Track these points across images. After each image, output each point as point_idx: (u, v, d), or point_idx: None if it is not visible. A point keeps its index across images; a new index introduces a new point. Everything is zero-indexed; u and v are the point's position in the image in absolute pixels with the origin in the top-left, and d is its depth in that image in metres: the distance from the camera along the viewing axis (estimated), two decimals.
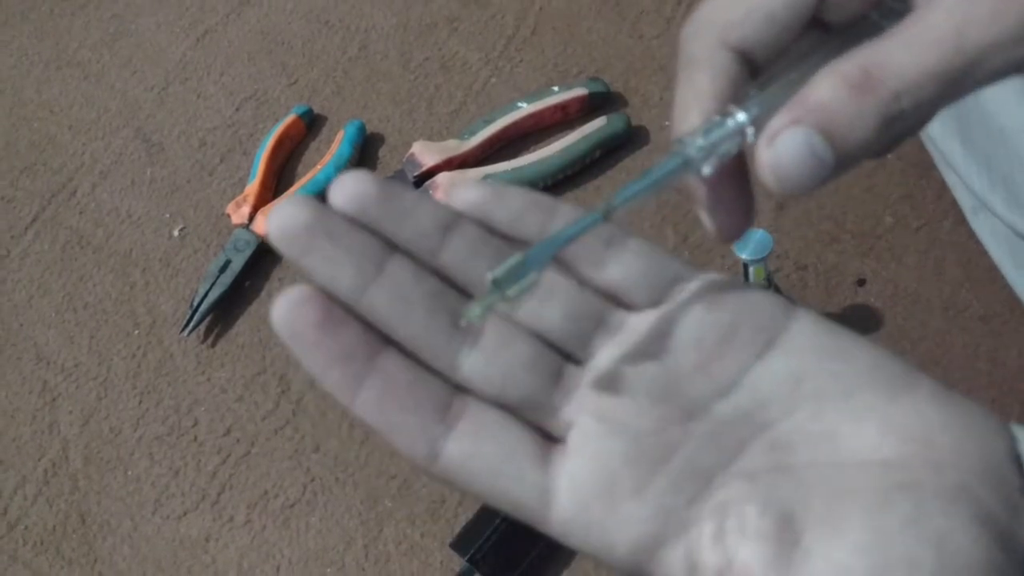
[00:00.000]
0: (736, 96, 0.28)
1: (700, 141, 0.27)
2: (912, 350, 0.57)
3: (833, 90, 0.26)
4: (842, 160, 0.26)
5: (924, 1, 0.27)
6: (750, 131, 0.28)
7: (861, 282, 0.60)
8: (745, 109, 0.28)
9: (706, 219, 0.31)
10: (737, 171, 0.30)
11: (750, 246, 0.52)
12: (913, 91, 0.26)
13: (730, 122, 0.28)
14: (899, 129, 0.27)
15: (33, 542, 0.60)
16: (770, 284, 0.54)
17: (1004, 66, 0.26)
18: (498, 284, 0.25)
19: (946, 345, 0.57)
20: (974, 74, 0.26)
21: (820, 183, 0.27)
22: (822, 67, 0.27)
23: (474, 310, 0.25)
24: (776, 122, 0.27)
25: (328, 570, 0.56)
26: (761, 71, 0.29)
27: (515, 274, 0.25)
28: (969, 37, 0.26)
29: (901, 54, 0.26)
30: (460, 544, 0.53)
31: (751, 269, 0.53)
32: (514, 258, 0.26)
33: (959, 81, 0.26)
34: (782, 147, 0.26)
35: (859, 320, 0.59)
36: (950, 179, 0.62)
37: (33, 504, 0.61)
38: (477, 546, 0.52)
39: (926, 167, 0.64)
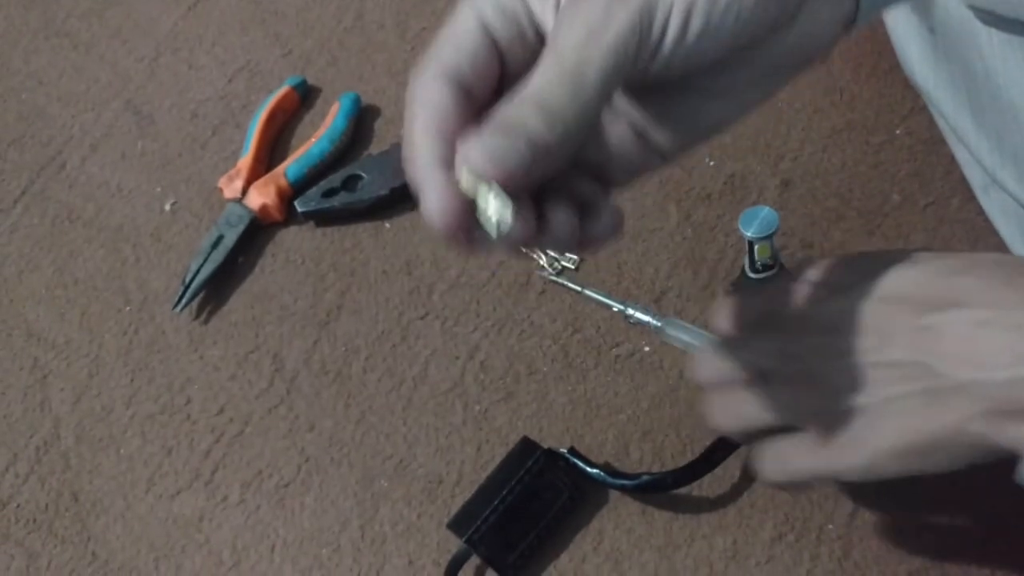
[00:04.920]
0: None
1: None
2: None
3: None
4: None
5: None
6: None
7: None
8: None
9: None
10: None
11: (755, 224, 0.51)
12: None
13: None
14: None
15: (25, 520, 0.59)
16: (775, 262, 0.53)
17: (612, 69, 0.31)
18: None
19: None
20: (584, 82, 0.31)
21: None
22: None
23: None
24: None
25: (323, 550, 0.55)
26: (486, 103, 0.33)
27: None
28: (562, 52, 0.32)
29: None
30: (457, 525, 0.53)
31: (756, 247, 0.52)
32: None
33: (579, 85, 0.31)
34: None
35: None
36: (960, 155, 0.61)
37: (25, 482, 0.60)
38: (475, 527, 0.51)
39: (935, 143, 0.62)
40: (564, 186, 0.35)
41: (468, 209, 0.31)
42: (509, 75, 0.34)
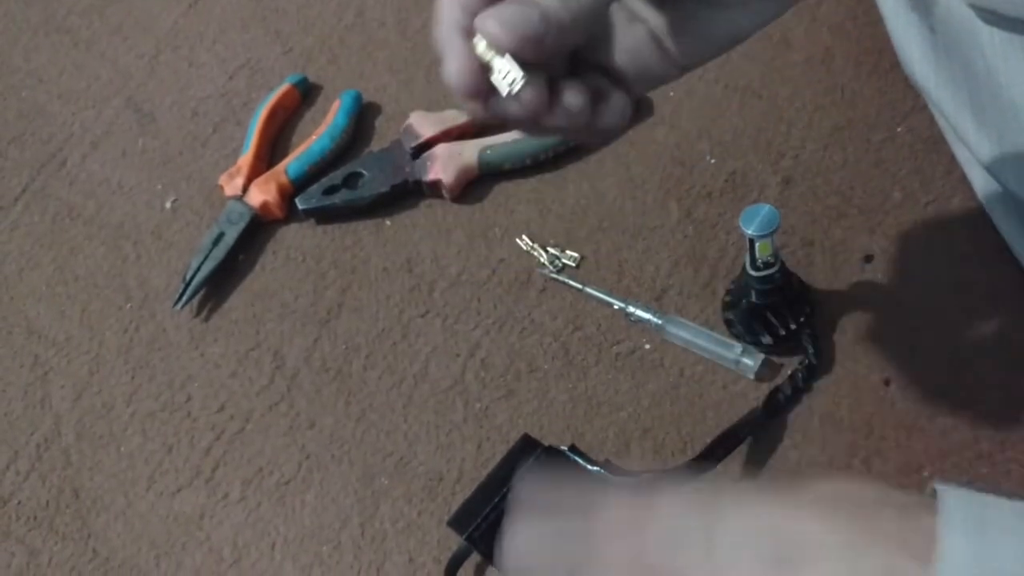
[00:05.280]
0: None
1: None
2: (919, 328, 0.56)
3: None
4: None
5: None
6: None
7: (868, 258, 0.59)
8: None
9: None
10: None
11: (756, 222, 0.51)
12: None
13: None
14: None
15: (26, 518, 0.59)
16: (776, 260, 0.53)
17: None
18: None
19: (954, 323, 0.56)
20: None
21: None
22: None
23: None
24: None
25: (324, 548, 0.55)
26: None
27: None
28: None
29: None
30: (458, 522, 0.53)
31: (757, 245, 0.52)
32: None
33: None
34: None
35: (866, 297, 0.58)
36: (961, 154, 0.61)
37: (26, 480, 0.60)
38: (475, 524, 0.51)
39: (936, 141, 0.62)
40: (579, 78, 0.36)
41: (484, 73, 0.34)
42: None
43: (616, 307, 0.59)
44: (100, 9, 0.82)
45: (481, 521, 0.51)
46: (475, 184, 0.67)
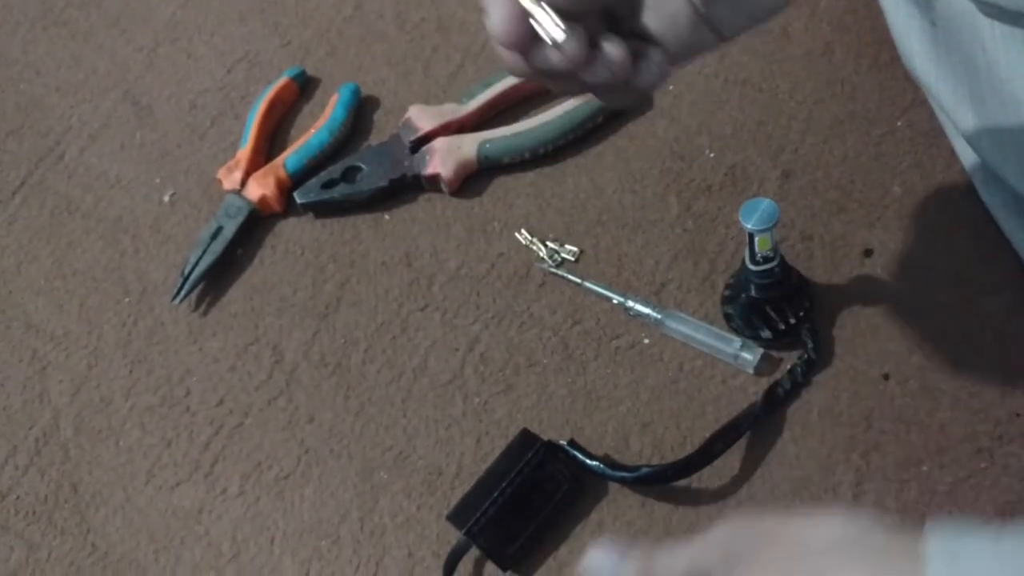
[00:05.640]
0: None
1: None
2: (919, 323, 0.56)
3: None
4: None
5: None
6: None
7: (868, 252, 0.59)
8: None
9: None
10: None
11: (756, 216, 0.51)
12: None
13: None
14: None
15: (25, 512, 0.59)
16: (775, 255, 0.53)
17: None
18: None
19: (954, 317, 0.56)
20: None
21: None
22: None
23: None
24: None
25: (323, 542, 0.55)
26: None
27: None
28: None
29: None
30: (457, 516, 0.53)
31: (756, 239, 0.52)
32: None
33: None
34: None
35: (865, 292, 0.58)
36: (960, 148, 0.60)
37: (24, 474, 0.60)
38: (475, 519, 0.51)
39: (936, 135, 0.62)
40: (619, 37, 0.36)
41: (527, 23, 0.33)
42: None
43: (615, 301, 0.59)
44: (98, 1, 0.82)
45: (480, 516, 0.51)
46: (474, 178, 0.67)
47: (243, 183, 0.67)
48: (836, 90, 0.66)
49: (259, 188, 0.67)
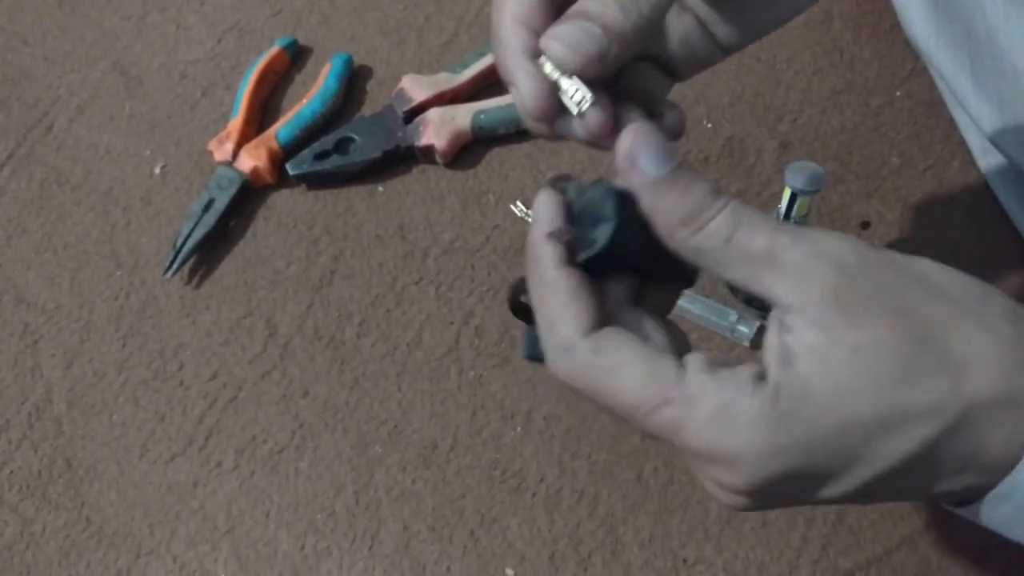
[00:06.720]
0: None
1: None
2: None
3: None
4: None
5: None
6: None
7: (865, 224, 0.59)
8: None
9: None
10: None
11: (804, 177, 0.50)
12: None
13: None
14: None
15: (19, 487, 0.59)
16: (804, 222, 0.53)
17: None
18: None
19: None
20: None
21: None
22: None
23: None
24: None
25: (318, 516, 0.55)
26: None
27: None
28: None
29: None
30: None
31: (798, 202, 0.51)
32: None
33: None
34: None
35: None
36: (960, 119, 0.60)
37: (18, 448, 0.60)
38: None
39: (935, 106, 0.62)
40: (632, 86, 0.37)
41: (554, 95, 0.33)
42: None
43: None
44: None
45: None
46: (468, 149, 0.66)
47: (235, 154, 0.67)
48: (834, 60, 0.65)
49: (251, 159, 0.66)
